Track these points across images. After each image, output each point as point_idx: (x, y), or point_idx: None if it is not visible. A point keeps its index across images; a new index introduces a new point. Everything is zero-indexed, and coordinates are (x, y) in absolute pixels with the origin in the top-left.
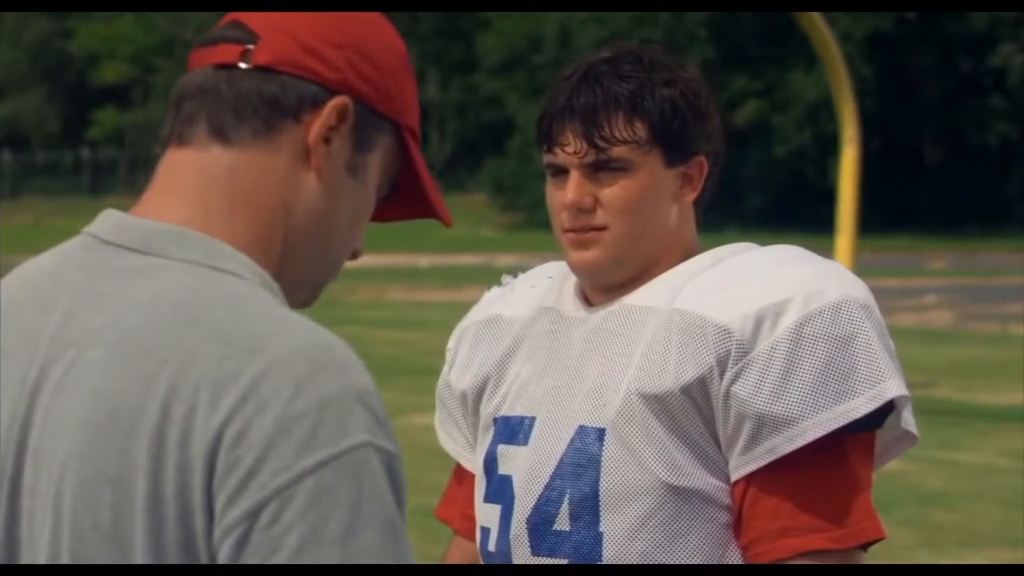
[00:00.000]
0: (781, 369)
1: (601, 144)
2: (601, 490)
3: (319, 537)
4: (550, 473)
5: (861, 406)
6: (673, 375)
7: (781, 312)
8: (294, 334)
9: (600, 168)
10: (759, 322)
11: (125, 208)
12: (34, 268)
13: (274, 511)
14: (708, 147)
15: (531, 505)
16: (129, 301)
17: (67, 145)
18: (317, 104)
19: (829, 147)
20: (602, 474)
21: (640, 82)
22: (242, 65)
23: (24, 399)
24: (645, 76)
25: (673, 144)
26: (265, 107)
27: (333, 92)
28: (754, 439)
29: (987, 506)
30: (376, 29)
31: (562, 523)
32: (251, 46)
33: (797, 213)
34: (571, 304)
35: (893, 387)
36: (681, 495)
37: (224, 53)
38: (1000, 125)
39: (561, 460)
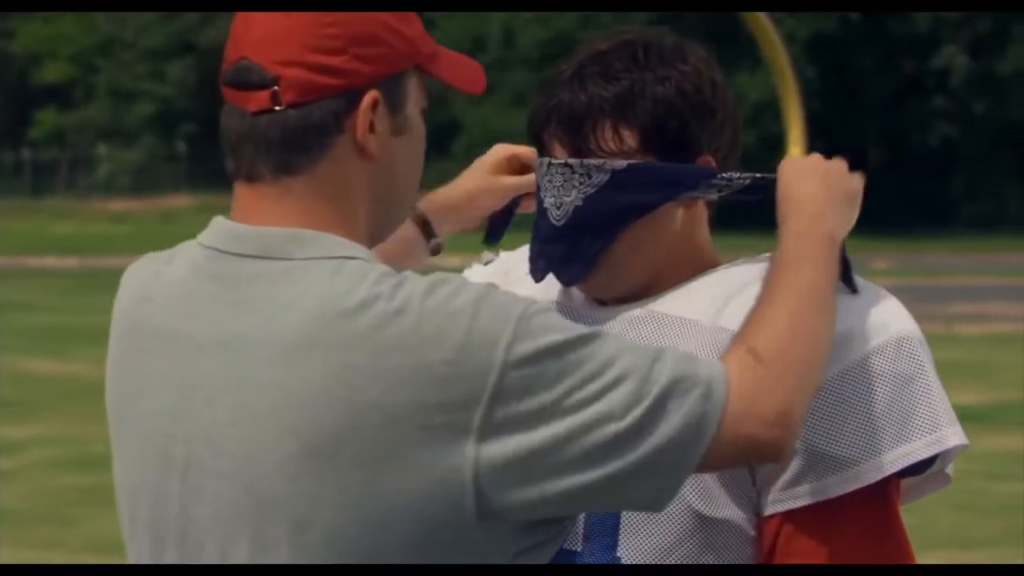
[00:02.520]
0: (840, 407)
1: (588, 156)
2: (624, 514)
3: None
4: None
5: (918, 451)
6: None
7: (843, 345)
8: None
9: None
10: None
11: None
12: (159, 276)
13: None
14: (716, 143)
15: None
16: (275, 303)
17: (8, 146)
18: (350, 108)
19: (774, 148)
20: None
21: (630, 83)
22: (276, 108)
23: (184, 396)
24: (636, 75)
25: (670, 148)
26: (313, 135)
27: (358, 91)
28: (802, 476)
29: (940, 508)
30: (349, 11)
31: (574, 542)
32: (276, 88)
33: (743, 214)
34: (579, 299)
35: (953, 435)
36: (709, 525)
37: (256, 101)
38: (943, 126)
39: None
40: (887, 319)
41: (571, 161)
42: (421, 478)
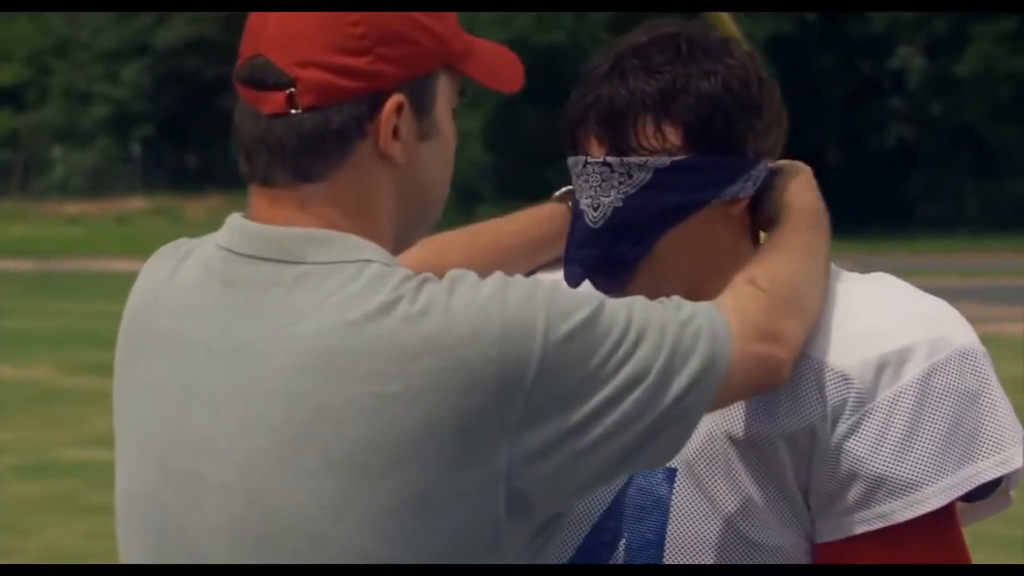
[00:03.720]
0: (905, 426)
1: (628, 153)
2: (668, 538)
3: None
4: (601, 511)
5: (985, 471)
6: (777, 421)
7: (905, 359)
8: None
9: None
10: (880, 369)
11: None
12: (173, 276)
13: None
14: (762, 144)
15: (574, 546)
16: (291, 310)
17: None
18: (372, 112)
19: None
20: (671, 520)
21: (673, 77)
22: (293, 112)
23: (188, 403)
24: (680, 69)
25: (714, 148)
26: (331, 141)
27: (381, 95)
28: (865, 501)
29: None
30: (373, 10)
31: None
32: (292, 90)
33: None
34: None
35: (1020, 455)
36: (757, 551)
37: (272, 103)
38: (900, 127)
39: (617, 499)
40: (949, 332)
41: (610, 159)
42: (453, 485)
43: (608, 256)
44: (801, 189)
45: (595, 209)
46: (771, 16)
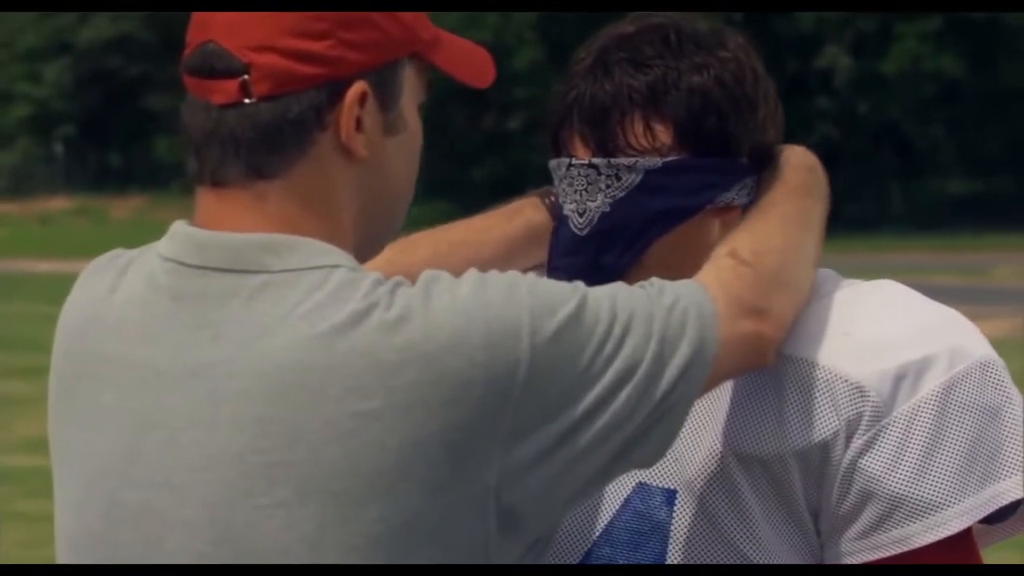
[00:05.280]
0: (924, 442)
1: (616, 154)
2: (667, 557)
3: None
4: (593, 538)
5: (1008, 491)
6: (787, 436)
7: (924, 371)
8: None
9: None
10: (898, 381)
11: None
12: (110, 296)
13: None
14: (756, 142)
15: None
16: (252, 326)
17: None
18: (333, 101)
19: None
20: (670, 546)
21: (663, 71)
22: (247, 101)
23: (140, 433)
24: (670, 62)
25: (707, 147)
26: (289, 133)
27: (343, 83)
28: (882, 524)
29: None
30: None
31: None
32: (245, 77)
33: None
34: None
35: None
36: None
37: (223, 92)
38: (825, 126)
39: (612, 523)
40: (968, 342)
41: (596, 161)
42: (442, 508)
43: (595, 265)
44: (800, 152)
45: (581, 215)
46: (699, 16)
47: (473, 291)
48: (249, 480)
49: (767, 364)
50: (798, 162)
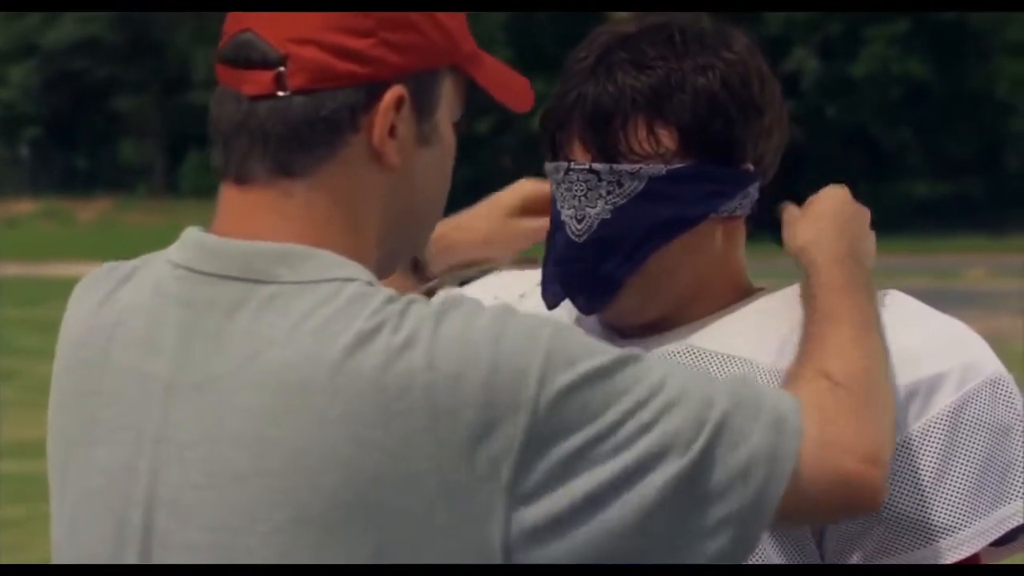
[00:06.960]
0: (935, 463)
1: (618, 159)
2: None
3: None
4: None
5: (1020, 514)
6: None
7: (935, 388)
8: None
9: None
10: (909, 399)
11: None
12: (115, 299)
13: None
14: (762, 148)
15: None
16: (260, 338)
17: None
18: (369, 103)
19: None
20: None
21: (666, 73)
22: (280, 93)
23: (143, 449)
24: (674, 64)
25: (712, 153)
26: (321, 131)
27: (381, 85)
28: (891, 547)
29: None
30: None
31: None
32: (281, 68)
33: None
34: (594, 329)
35: None
36: None
37: (256, 83)
38: (792, 129)
39: None
40: (978, 357)
41: (597, 166)
42: (442, 547)
43: (593, 273)
44: (858, 230)
45: (579, 221)
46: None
47: (491, 323)
48: (252, 503)
49: (876, 504)
50: (834, 251)
